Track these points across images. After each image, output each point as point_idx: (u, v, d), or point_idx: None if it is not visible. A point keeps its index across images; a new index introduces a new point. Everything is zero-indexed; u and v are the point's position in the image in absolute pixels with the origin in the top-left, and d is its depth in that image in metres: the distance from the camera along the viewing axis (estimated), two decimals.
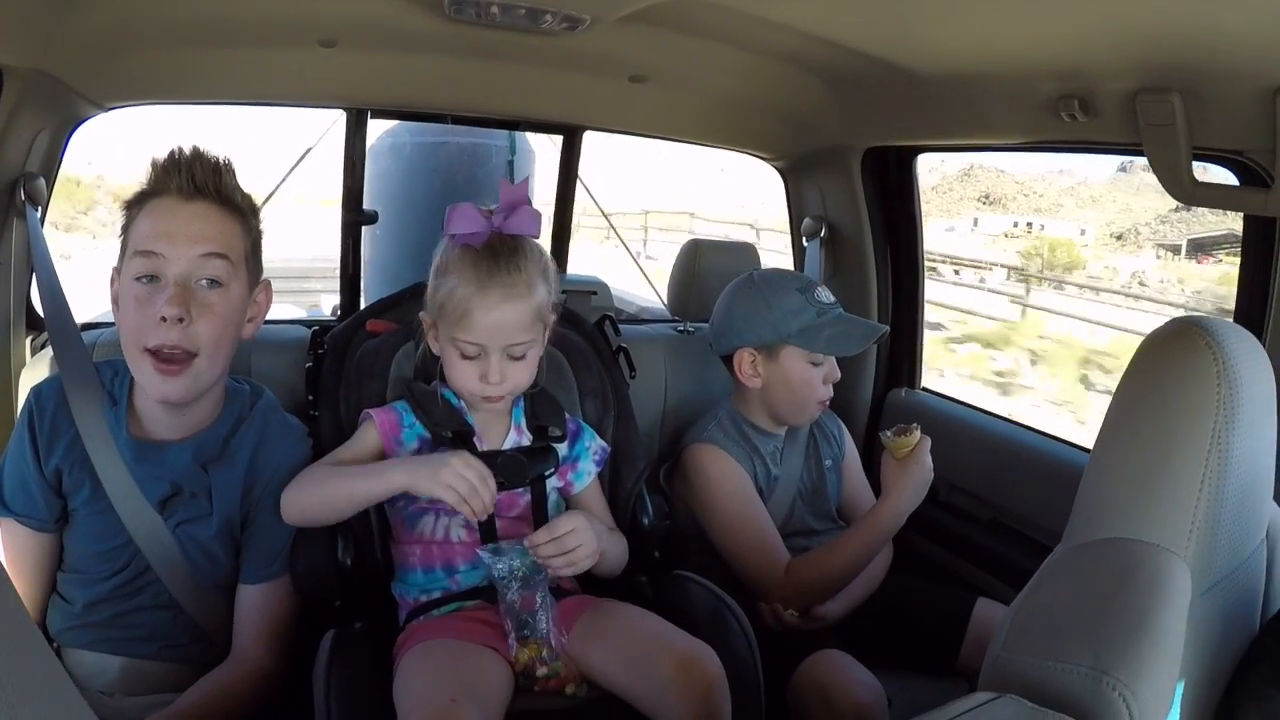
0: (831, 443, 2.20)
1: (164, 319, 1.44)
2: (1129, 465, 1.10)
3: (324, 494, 1.56)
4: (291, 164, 2.90)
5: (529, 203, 1.62)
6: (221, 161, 1.53)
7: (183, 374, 1.48)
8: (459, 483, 1.46)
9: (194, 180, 1.48)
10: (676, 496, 2.08)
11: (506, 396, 1.63)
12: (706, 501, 2.00)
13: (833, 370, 2.03)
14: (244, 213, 1.55)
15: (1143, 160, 1.70)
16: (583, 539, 1.51)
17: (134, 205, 1.52)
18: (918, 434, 1.87)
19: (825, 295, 2.02)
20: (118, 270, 1.54)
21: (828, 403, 2.06)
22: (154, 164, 1.51)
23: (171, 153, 1.51)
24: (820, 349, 1.98)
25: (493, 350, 1.58)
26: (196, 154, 1.51)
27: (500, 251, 1.58)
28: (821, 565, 1.91)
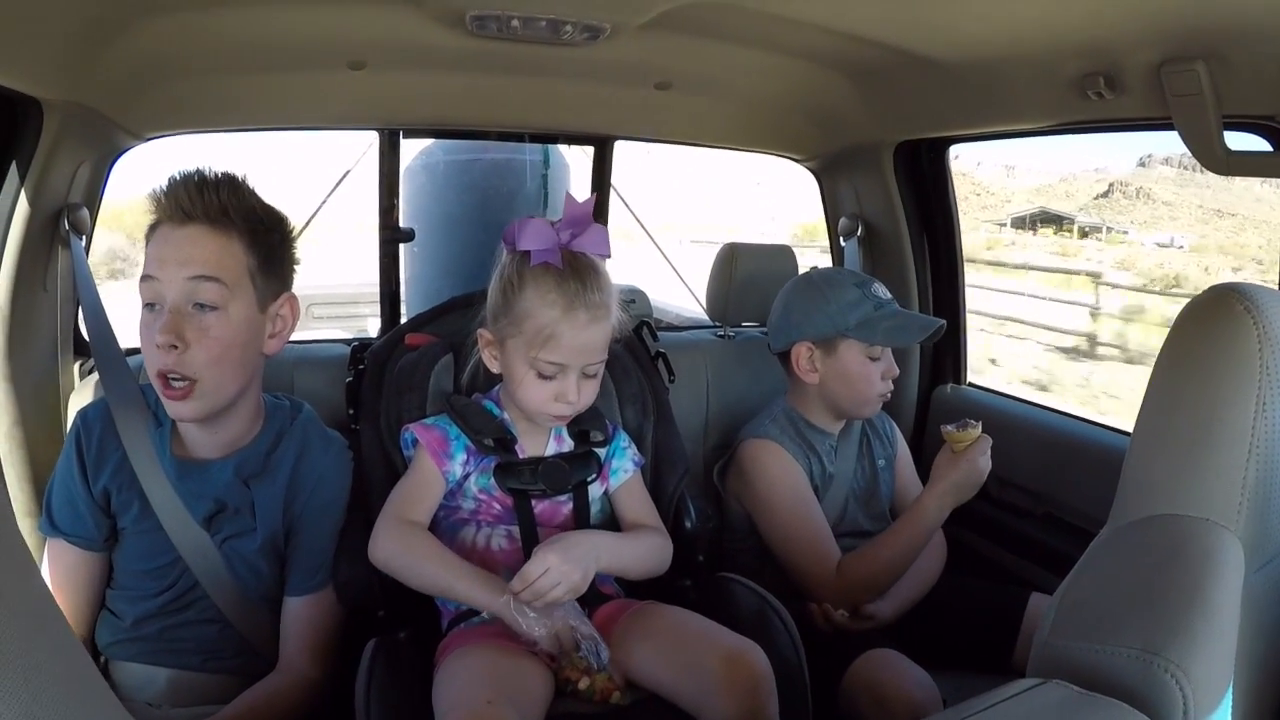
0: (884, 442, 2.19)
1: (158, 346, 1.45)
2: (1172, 439, 1.07)
3: (422, 574, 1.54)
4: (326, 190, 2.94)
5: (593, 218, 1.61)
6: (212, 178, 1.50)
7: (188, 397, 1.49)
8: (552, 642, 1.46)
9: (181, 206, 1.48)
10: (730, 493, 2.09)
11: (573, 415, 1.64)
12: (762, 497, 2.00)
13: (891, 366, 2.02)
14: (244, 229, 1.52)
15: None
16: (557, 577, 1.44)
17: (146, 237, 1.53)
18: (976, 430, 1.87)
19: (882, 291, 2.02)
20: None
21: (888, 396, 2.05)
22: (152, 193, 1.52)
23: (168, 179, 1.51)
24: (878, 341, 1.98)
25: (573, 369, 1.58)
26: (185, 176, 1.50)
27: (582, 272, 1.56)
28: (871, 560, 1.89)
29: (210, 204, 1.48)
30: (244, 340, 1.53)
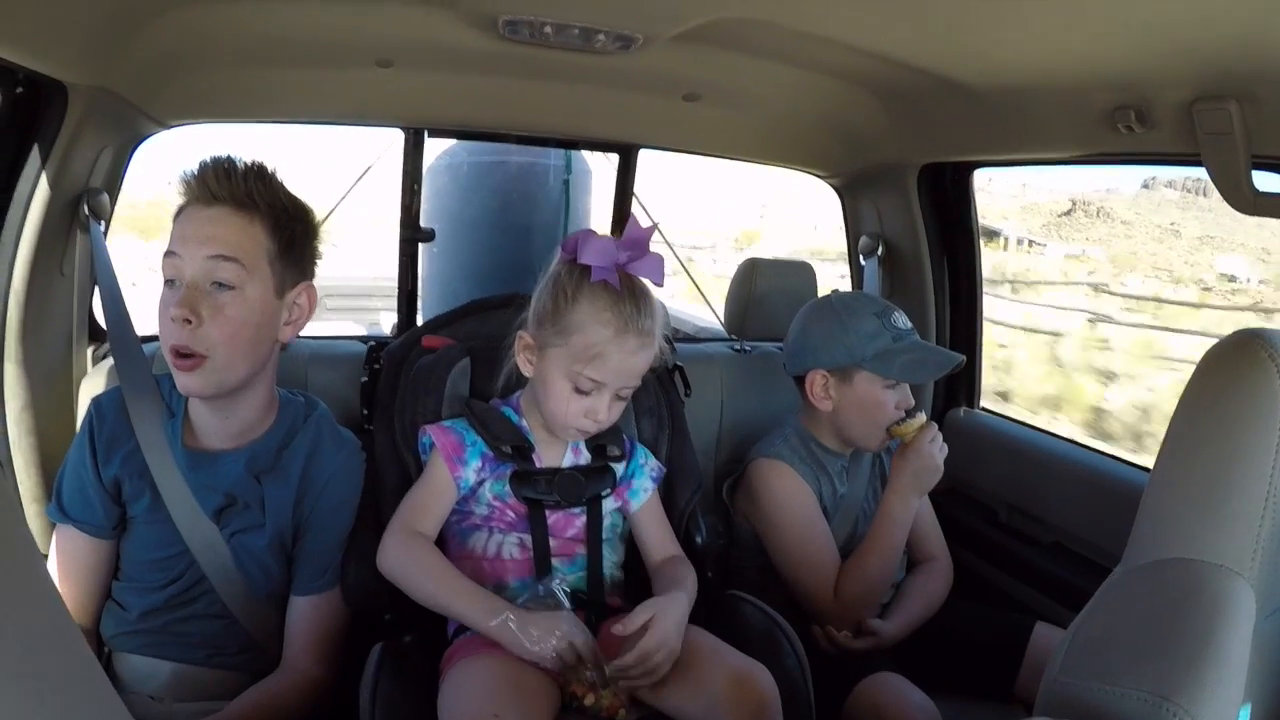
0: None
1: (173, 320, 1.46)
2: (1190, 483, 1.06)
3: (423, 590, 1.54)
4: (346, 185, 2.94)
5: (650, 247, 1.61)
6: (241, 166, 1.53)
7: (196, 370, 1.49)
8: (554, 661, 1.46)
9: (210, 186, 1.50)
10: (739, 511, 2.09)
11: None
12: (769, 517, 1.99)
13: (906, 397, 2.00)
14: (267, 214, 1.54)
15: None
16: (670, 653, 1.46)
17: (175, 218, 1.54)
18: (920, 418, 1.92)
19: (902, 321, 2.00)
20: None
21: None
22: (183, 175, 1.54)
23: (200, 162, 1.53)
24: (894, 375, 1.95)
25: (608, 390, 1.58)
26: (215, 161, 1.52)
27: (638, 297, 1.57)
28: (859, 574, 1.91)
29: (237, 188, 1.51)
30: (257, 322, 1.53)
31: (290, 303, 1.60)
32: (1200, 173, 1.68)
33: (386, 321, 5.49)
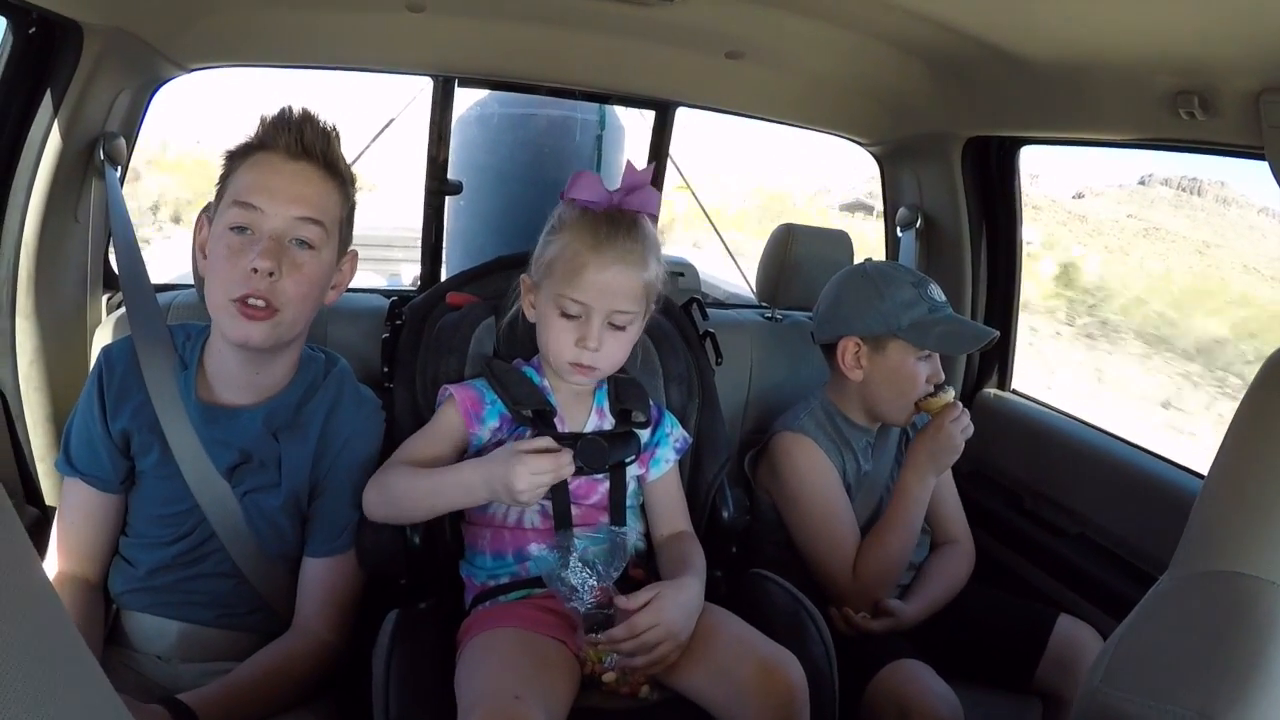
0: None
1: (255, 270, 1.43)
2: (1244, 495, 1.02)
3: (406, 503, 1.54)
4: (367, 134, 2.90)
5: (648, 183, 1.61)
6: (330, 127, 1.52)
7: (265, 320, 1.46)
8: (537, 492, 1.44)
9: (302, 140, 1.48)
10: (759, 485, 2.06)
11: (598, 372, 1.59)
12: (791, 492, 1.97)
13: (937, 370, 1.97)
14: (344, 180, 1.55)
15: None
16: (667, 634, 1.43)
17: (237, 157, 1.51)
18: (949, 395, 1.90)
19: (938, 293, 1.97)
20: (208, 217, 1.54)
21: None
22: (263, 119, 1.51)
23: (282, 110, 1.51)
24: (930, 345, 1.92)
25: (596, 313, 1.54)
26: (307, 115, 1.50)
27: (619, 220, 1.56)
28: (877, 553, 1.89)
29: (330, 147, 1.51)
30: (324, 284, 1.55)
31: (339, 268, 1.60)
32: (1195, 171, 1.63)
33: (407, 273, 5.46)
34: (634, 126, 3.43)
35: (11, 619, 0.51)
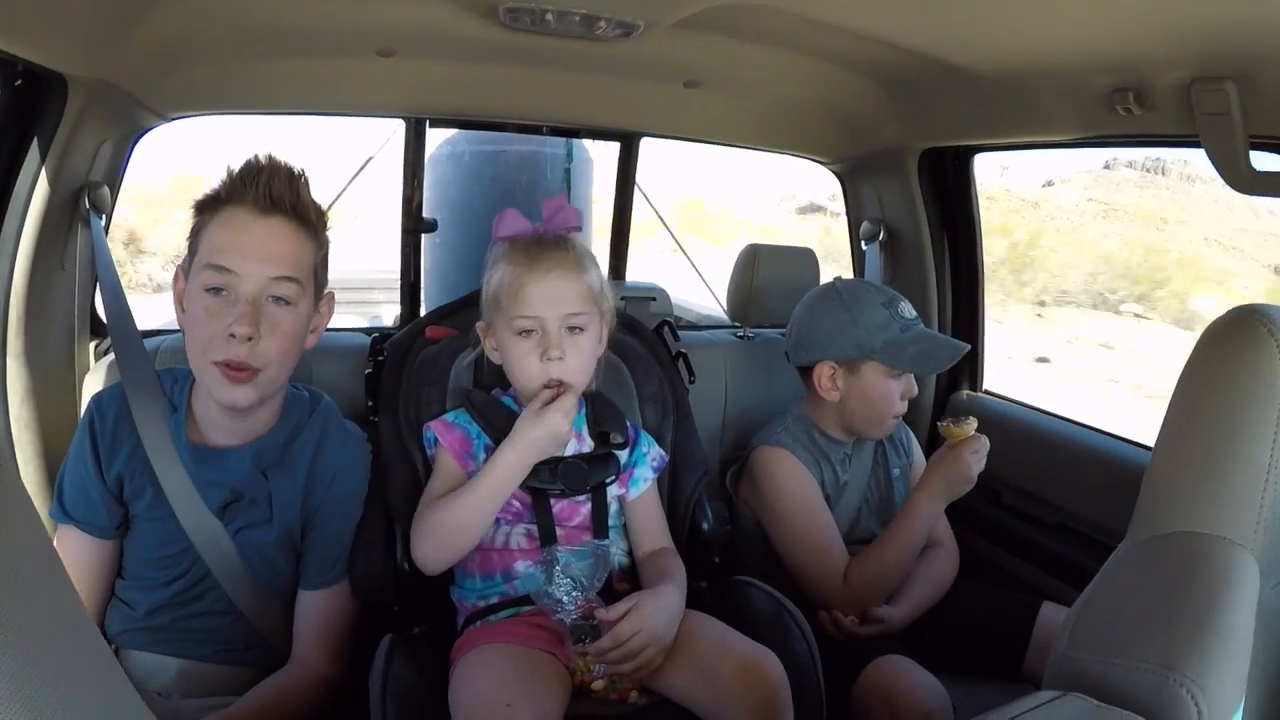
0: (900, 451, 2.19)
1: (233, 336, 1.44)
2: (1192, 457, 1.07)
3: (464, 522, 1.56)
4: (343, 177, 2.94)
5: (567, 206, 1.67)
6: (298, 173, 1.52)
7: (249, 383, 1.48)
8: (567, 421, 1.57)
9: (270, 194, 1.47)
10: (741, 500, 2.09)
11: (571, 386, 1.61)
12: (772, 505, 2.00)
13: (910, 386, 2.01)
14: (316, 227, 1.55)
15: None
16: (650, 638, 1.47)
17: (206, 210, 1.51)
18: (971, 426, 1.90)
19: (908, 311, 2.01)
20: (184, 270, 1.54)
21: (901, 417, 2.06)
22: (230, 172, 1.50)
23: (249, 161, 1.50)
24: (904, 366, 1.97)
25: (550, 322, 1.58)
26: (274, 165, 1.50)
27: (547, 240, 1.63)
28: (875, 564, 1.91)
29: (298, 197, 1.50)
30: (303, 335, 1.56)
31: (315, 311, 1.61)
32: (1159, 152, 1.70)
33: (388, 314, 5.46)
34: (602, 158, 3.49)
35: (34, 615, 0.54)
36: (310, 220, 1.53)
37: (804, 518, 1.96)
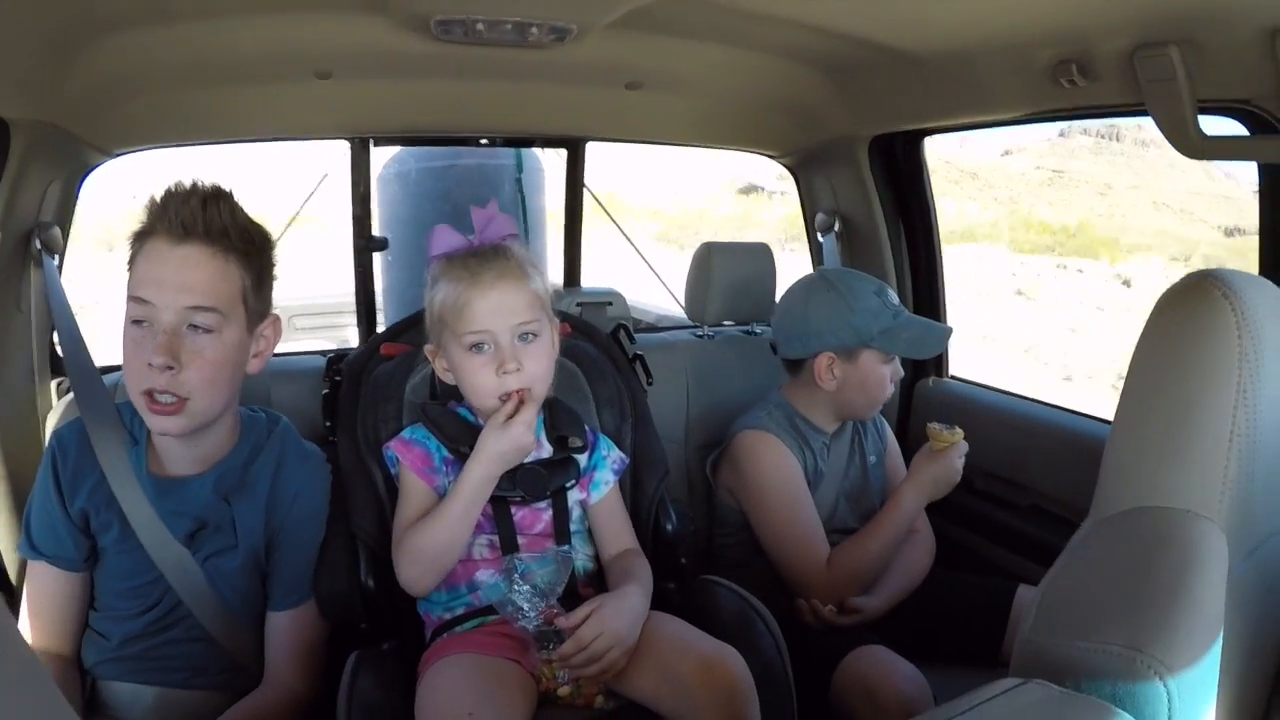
0: (875, 437, 2.19)
1: (151, 365, 1.43)
2: (1151, 429, 1.06)
3: (444, 542, 1.55)
4: (298, 200, 2.91)
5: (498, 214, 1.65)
6: (209, 194, 1.48)
7: (176, 414, 1.47)
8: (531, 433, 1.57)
9: (182, 222, 1.44)
10: (722, 485, 2.10)
11: (533, 393, 1.58)
12: (755, 489, 2.00)
13: (898, 370, 2.05)
14: (240, 250, 1.50)
15: None
16: (613, 640, 1.46)
17: (133, 244, 1.49)
18: (959, 435, 1.95)
19: (894, 297, 2.04)
20: None
21: (888, 397, 2.08)
22: (150, 202, 1.48)
23: (167, 190, 1.48)
24: (900, 351, 2.00)
25: (501, 334, 1.56)
26: (185, 192, 1.47)
27: (485, 252, 1.59)
28: (858, 554, 1.92)
29: (211, 222, 1.46)
30: (234, 361, 1.53)
31: (258, 335, 1.59)
32: (1113, 119, 1.70)
33: (356, 338, 5.41)
34: (554, 166, 3.48)
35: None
36: (230, 242, 1.48)
37: (788, 502, 1.97)
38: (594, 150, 2.82)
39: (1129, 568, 1.00)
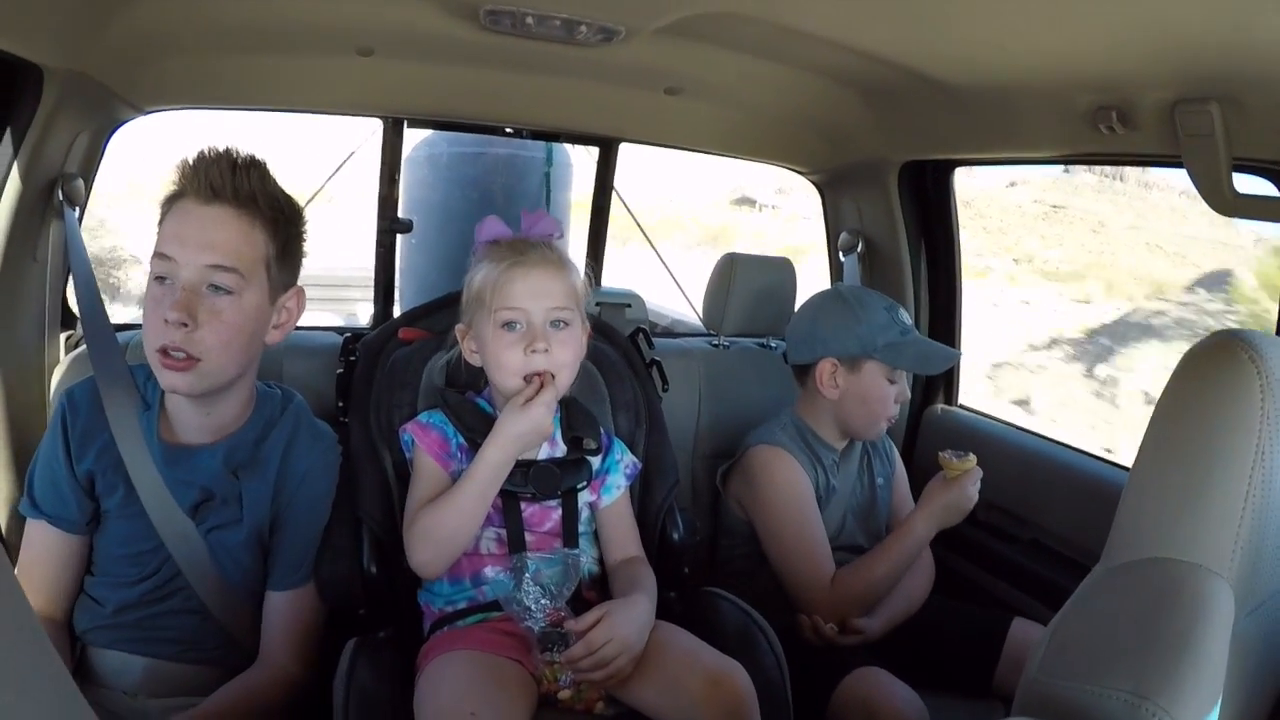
0: (884, 460, 2.20)
1: (167, 321, 1.43)
2: (1169, 483, 1.07)
3: (456, 524, 1.56)
4: (323, 173, 2.92)
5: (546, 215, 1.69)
6: (243, 161, 1.49)
7: (186, 371, 1.46)
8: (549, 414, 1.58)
9: (211, 183, 1.46)
10: (732, 497, 2.10)
11: (555, 378, 1.59)
12: (766, 503, 2.01)
13: (904, 390, 2.05)
14: (268, 216, 1.51)
15: None
16: (622, 647, 1.46)
17: (165, 205, 1.51)
18: (971, 462, 1.95)
19: (906, 317, 2.05)
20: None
21: (894, 420, 2.08)
22: (182, 164, 1.49)
23: (200, 153, 1.49)
24: (904, 365, 2.01)
25: (535, 314, 1.58)
26: (216, 155, 1.48)
27: (531, 241, 1.63)
28: (864, 576, 1.92)
29: (240, 185, 1.47)
30: (252, 328, 1.52)
31: (280, 306, 1.59)
32: None
33: (364, 312, 5.43)
34: (582, 163, 3.48)
35: None
36: (258, 207, 1.49)
37: (797, 519, 1.98)
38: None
39: (1140, 616, 1.01)
